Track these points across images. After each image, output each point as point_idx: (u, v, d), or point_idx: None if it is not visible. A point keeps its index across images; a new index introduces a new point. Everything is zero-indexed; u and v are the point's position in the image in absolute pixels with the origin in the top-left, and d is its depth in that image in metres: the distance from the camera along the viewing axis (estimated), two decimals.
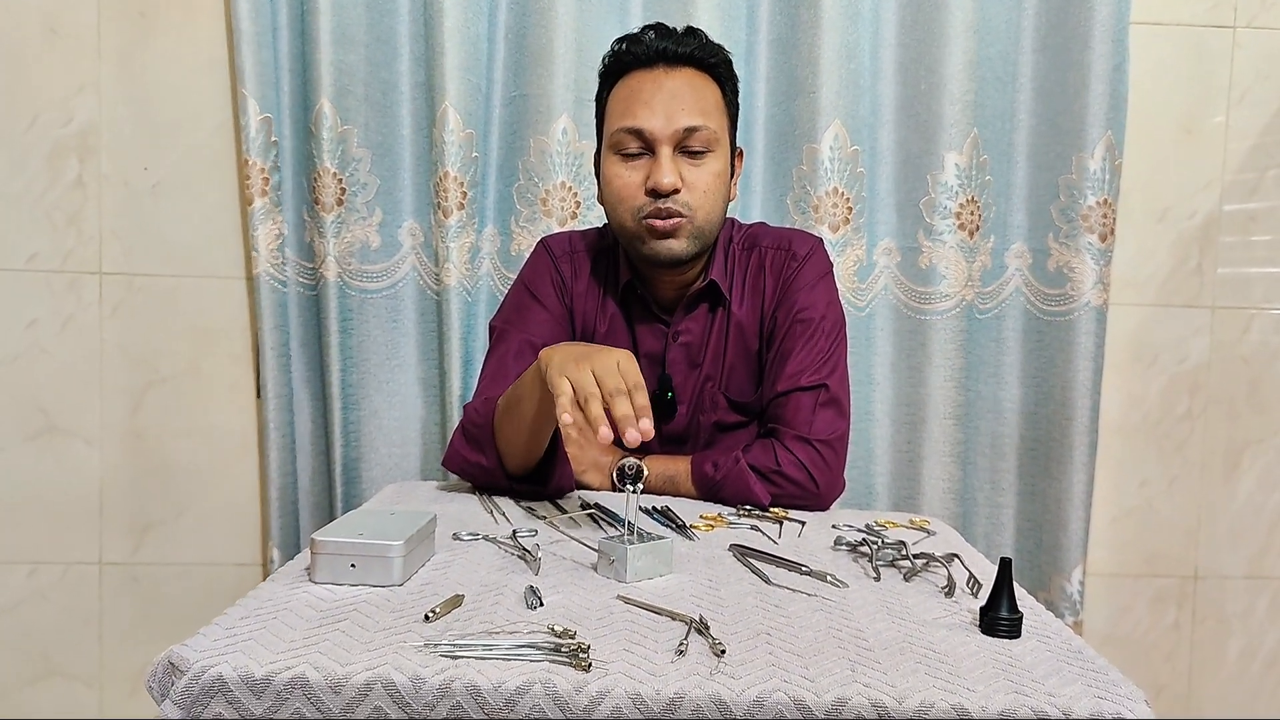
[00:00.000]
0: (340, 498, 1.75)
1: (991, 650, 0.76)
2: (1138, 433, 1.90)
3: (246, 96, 1.67)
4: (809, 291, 1.34)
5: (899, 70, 1.76)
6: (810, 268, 1.35)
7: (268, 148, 1.69)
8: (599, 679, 0.66)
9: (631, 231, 1.27)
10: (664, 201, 1.23)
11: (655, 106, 1.23)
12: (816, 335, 1.31)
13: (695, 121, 1.24)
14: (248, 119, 1.67)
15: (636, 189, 1.25)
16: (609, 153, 1.28)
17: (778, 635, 0.77)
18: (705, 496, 1.27)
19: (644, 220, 1.25)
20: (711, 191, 1.26)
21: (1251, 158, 1.85)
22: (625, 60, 1.28)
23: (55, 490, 1.80)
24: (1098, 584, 1.91)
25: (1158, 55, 1.82)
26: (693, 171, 1.25)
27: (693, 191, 1.24)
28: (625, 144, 1.25)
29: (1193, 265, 1.87)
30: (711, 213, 1.27)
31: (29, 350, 1.77)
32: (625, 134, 1.25)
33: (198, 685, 0.65)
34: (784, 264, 1.35)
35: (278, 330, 1.72)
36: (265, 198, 1.70)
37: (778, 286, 1.35)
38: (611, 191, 1.27)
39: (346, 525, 0.88)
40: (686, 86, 1.25)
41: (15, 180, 1.74)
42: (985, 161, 1.76)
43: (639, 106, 1.24)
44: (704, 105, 1.25)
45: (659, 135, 1.23)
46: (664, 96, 1.24)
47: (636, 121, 1.24)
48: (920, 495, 1.80)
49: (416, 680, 0.66)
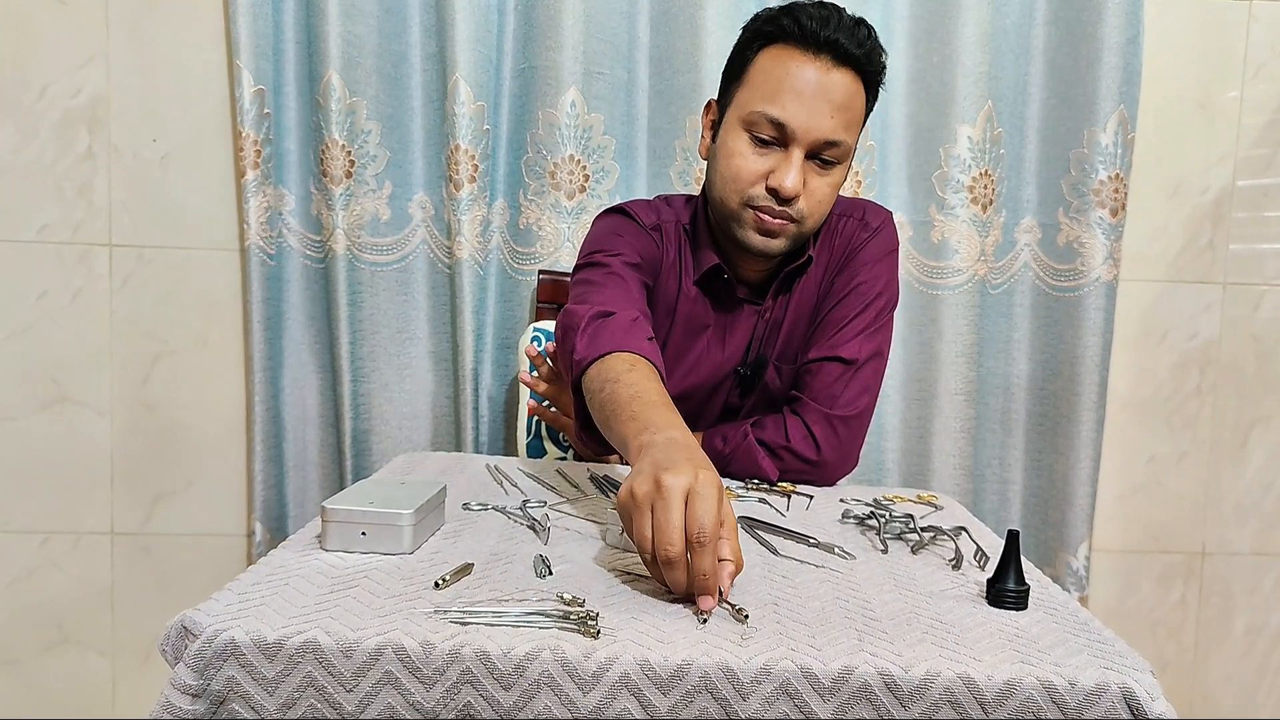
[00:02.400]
0: (350, 470, 1.76)
1: (998, 621, 0.77)
2: (1147, 409, 1.89)
3: (241, 68, 1.66)
4: (873, 266, 1.31)
5: (911, 42, 1.74)
6: (879, 241, 1.32)
7: (260, 120, 1.69)
8: (607, 646, 0.67)
9: (733, 212, 1.22)
10: (781, 204, 1.18)
11: (806, 104, 1.15)
12: (868, 310, 1.29)
13: (839, 135, 1.17)
14: (242, 91, 1.67)
15: (757, 177, 1.19)
16: (738, 125, 1.20)
17: (785, 605, 0.77)
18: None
19: (750, 208, 1.20)
20: (825, 201, 1.22)
21: (1266, 133, 1.83)
22: (788, 29, 1.17)
23: (67, 460, 1.81)
24: (1105, 560, 1.91)
25: (1172, 28, 1.80)
26: (816, 180, 1.19)
27: (810, 199, 1.20)
28: (761, 128, 1.18)
29: (1205, 241, 1.86)
30: (819, 219, 1.23)
31: (40, 321, 1.78)
32: (765, 120, 1.17)
33: (210, 649, 0.66)
34: (854, 232, 1.33)
35: (265, 303, 1.73)
36: (257, 170, 1.70)
37: (845, 253, 1.32)
38: (730, 167, 1.20)
39: (357, 494, 0.89)
40: (842, 92, 1.16)
41: (26, 151, 1.74)
42: (1000, 135, 1.74)
43: (790, 97, 1.15)
44: (850, 118, 1.18)
45: (800, 136, 1.16)
46: (820, 96, 1.15)
47: (783, 113, 1.15)
48: (931, 471, 1.80)
49: (426, 645, 0.66)
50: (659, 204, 1.37)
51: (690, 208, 1.36)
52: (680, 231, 1.33)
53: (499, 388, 1.80)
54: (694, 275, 1.31)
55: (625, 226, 1.31)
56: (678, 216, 1.35)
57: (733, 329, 1.33)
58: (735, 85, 1.22)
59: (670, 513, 0.74)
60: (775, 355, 1.34)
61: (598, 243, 1.29)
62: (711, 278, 1.31)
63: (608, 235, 1.30)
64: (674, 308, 1.32)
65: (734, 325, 1.33)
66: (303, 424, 1.81)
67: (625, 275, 1.23)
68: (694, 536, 0.73)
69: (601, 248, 1.28)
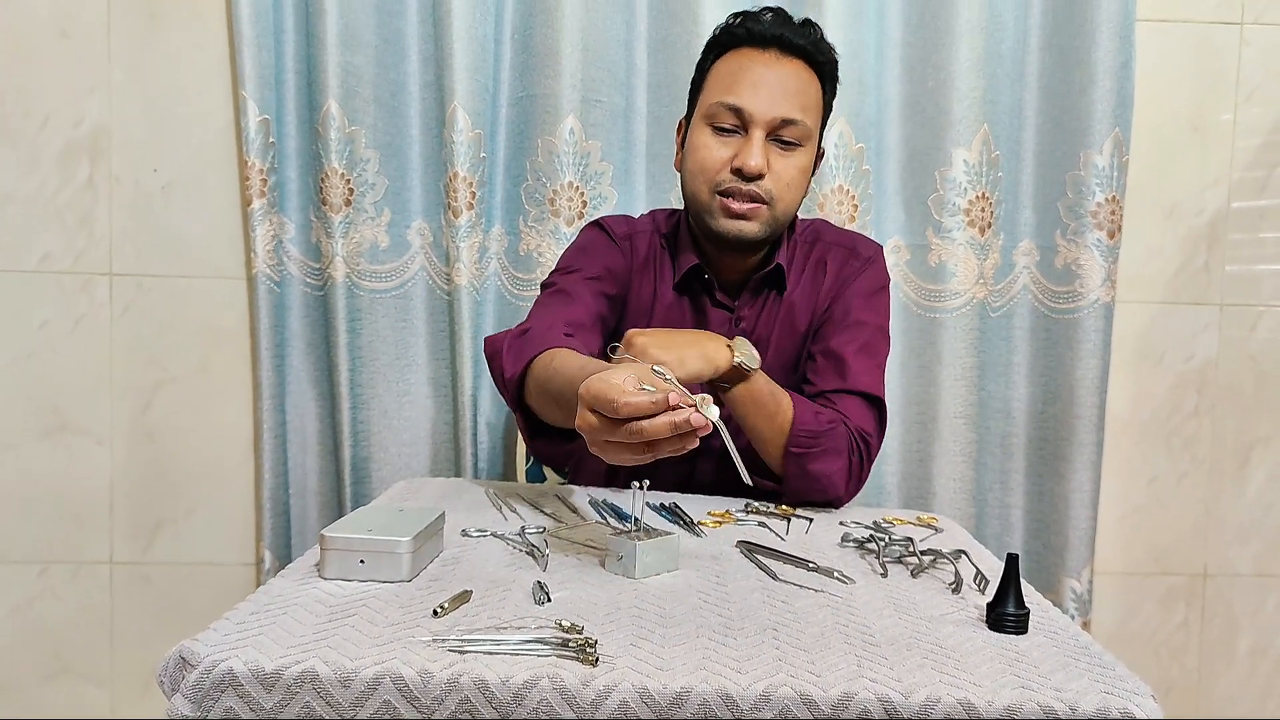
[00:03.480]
0: (350, 496, 1.76)
1: (998, 646, 0.76)
2: (1146, 430, 1.89)
3: (246, 98, 1.68)
4: (868, 298, 1.35)
5: (906, 68, 1.76)
6: (872, 274, 1.36)
7: (266, 149, 1.70)
8: (606, 673, 0.67)
9: (704, 203, 1.26)
10: (747, 184, 1.23)
11: (760, 89, 1.23)
12: (876, 352, 1.32)
13: (795, 114, 1.23)
14: (247, 120, 1.68)
15: (722, 163, 1.24)
16: (701, 122, 1.27)
17: (784, 631, 0.77)
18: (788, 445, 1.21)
19: (720, 195, 1.25)
20: (794, 184, 1.26)
21: (1260, 155, 1.84)
22: (739, 35, 1.27)
23: (66, 489, 1.81)
24: (1106, 582, 1.91)
25: (1165, 52, 1.81)
26: (780, 161, 1.25)
27: (777, 180, 1.24)
28: (721, 118, 1.24)
29: (1201, 263, 1.86)
30: (790, 204, 1.28)
31: (41, 350, 1.78)
32: (724, 108, 1.24)
33: (208, 679, 0.66)
34: (845, 261, 1.37)
35: (273, 330, 1.73)
36: (263, 198, 1.71)
37: (837, 281, 1.36)
38: (695, 160, 1.27)
39: (355, 522, 0.89)
40: (794, 78, 1.25)
41: (28, 181, 1.75)
42: (997, 158, 1.76)
43: (744, 85, 1.23)
44: (805, 100, 1.25)
45: (757, 118, 1.23)
46: (771, 81, 1.23)
47: (739, 99, 1.23)
48: (932, 495, 1.80)
49: (424, 675, 0.66)
50: (641, 217, 1.43)
51: (674, 219, 1.41)
52: (655, 239, 1.38)
53: (498, 413, 1.80)
54: (674, 279, 1.35)
55: (594, 240, 1.38)
56: (656, 226, 1.40)
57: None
58: (697, 95, 1.31)
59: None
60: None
61: (562, 262, 1.36)
62: (691, 280, 1.35)
63: (574, 253, 1.37)
64: (650, 312, 1.36)
65: (709, 328, 1.35)
66: (303, 451, 1.81)
67: (573, 290, 1.28)
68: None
69: (562, 266, 1.34)
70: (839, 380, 1.28)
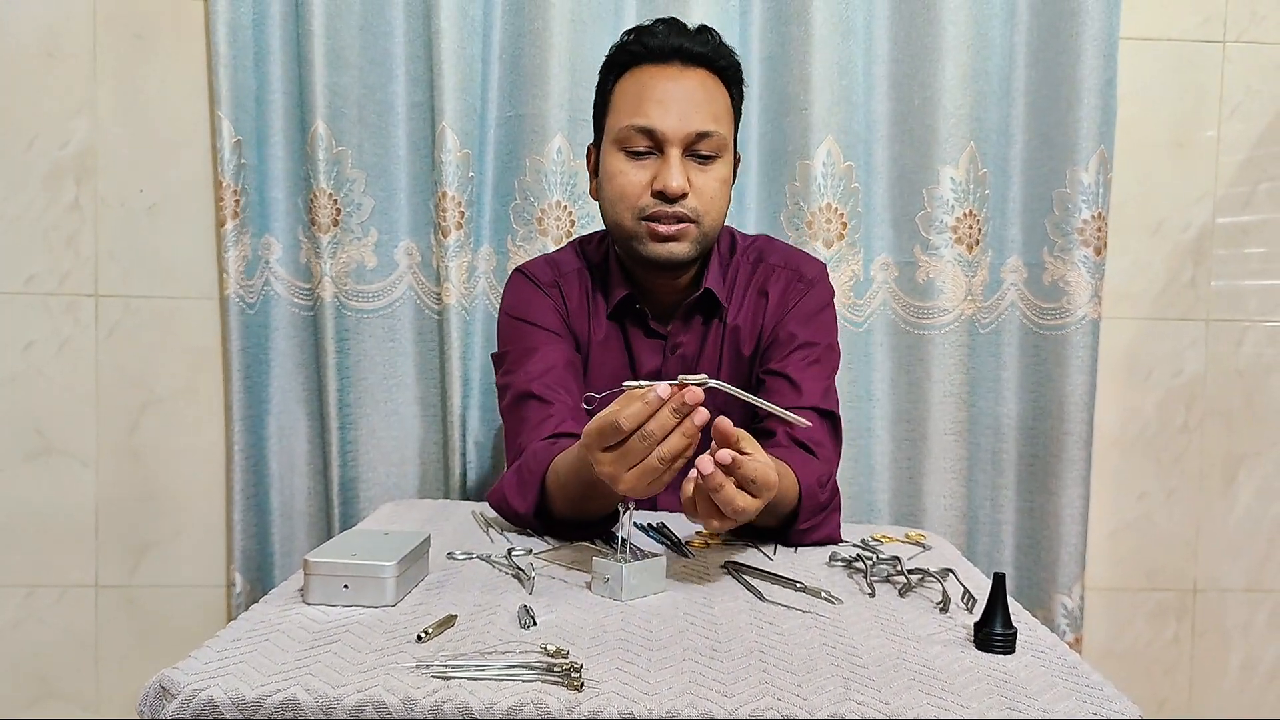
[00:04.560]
0: (338, 517, 1.75)
1: (986, 666, 0.76)
2: (1134, 446, 1.90)
3: (221, 119, 1.68)
4: (814, 318, 1.32)
5: (893, 86, 1.77)
6: (814, 296, 1.34)
7: (239, 170, 1.70)
8: (591, 698, 0.66)
9: (629, 230, 1.23)
10: (671, 205, 1.20)
11: (669, 106, 1.20)
12: (825, 366, 1.31)
13: (708, 126, 1.21)
14: (222, 141, 1.68)
15: (642, 188, 1.21)
16: (612, 148, 1.24)
17: (771, 653, 0.77)
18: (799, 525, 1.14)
19: (644, 221, 1.22)
20: (717, 197, 1.23)
21: (1244, 171, 1.85)
22: (636, 53, 1.24)
23: (52, 512, 1.80)
24: (1097, 598, 1.90)
25: (1149, 70, 1.83)
26: (700, 176, 1.22)
27: (700, 196, 1.22)
28: (633, 141, 1.21)
29: (1187, 278, 1.87)
30: (716, 218, 1.25)
31: (26, 372, 1.77)
32: (634, 131, 1.21)
33: (189, 709, 0.65)
34: (789, 283, 1.34)
35: (245, 352, 1.73)
36: (236, 220, 1.70)
37: (781, 305, 1.33)
38: (614, 188, 1.24)
39: (340, 546, 0.88)
40: (700, 89, 1.22)
41: (13, 202, 1.75)
42: (984, 175, 1.76)
43: (651, 105, 1.20)
44: (716, 110, 1.23)
45: (671, 137, 1.20)
46: (678, 97, 1.21)
47: (649, 120, 1.20)
48: (922, 513, 1.79)
49: (408, 702, 0.65)
50: (564, 253, 1.40)
51: (602, 247, 1.37)
52: (583, 277, 1.36)
53: (486, 432, 1.79)
54: (607, 311, 1.33)
55: (527, 300, 1.34)
56: (584, 262, 1.37)
57: (642, 365, 1.34)
58: (603, 119, 1.28)
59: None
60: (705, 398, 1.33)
61: (508, 330, 1.34)
62: (621, 311, 1.33)
63: (511, 323, 1.34)
64: (587, 349, 1.34)
65: (644, 361, 1.34)
66: (290, 472, 1.80)
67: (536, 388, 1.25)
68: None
69: (513, 335, 1.33)
70: (795, 397, 1.26)
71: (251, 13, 1.70)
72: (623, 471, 0.87)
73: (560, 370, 1.27)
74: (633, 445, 0.86)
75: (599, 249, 1.38)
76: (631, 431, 0.86)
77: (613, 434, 0.86)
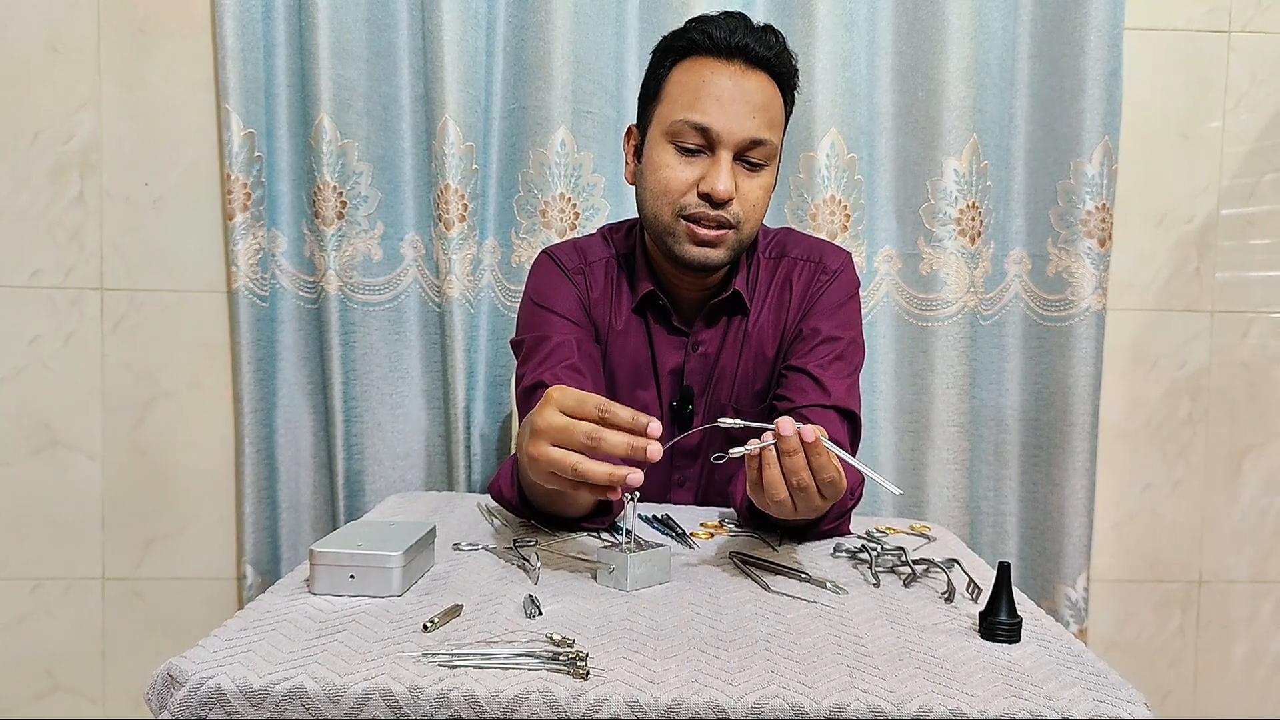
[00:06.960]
0: (343, 510, 1.75)
1: (991, 655, 0.76)
2: (1139, 437, 1.90)
3: (229, 112, 1.68)
4: (838, 311, 1.30)
5: (896, 78, 1.76)
6: (840, 285, 1.31)
7: (250, 163, 1.70)
8: (597, 686, 0.67)
9: (667, 226, 1.20)
10: (714, 209, 1.17)
11: (727, 107, 1.16)
12: (849, 362, 1.28)
13: (763, 134, 1.17)
14: (230, 134, 1.68)
15: (687, 186, 1.18)
16: (662, 139, 1.20)
17: (776, 642, 0.77)
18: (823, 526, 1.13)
19: (684, 219, 1.19)
20: (759, 205, 1.21)
21: (1248, 162, 1.85)
22: (698, 41, 1.18)
23: (58, 505, 1.80)
24: (1102, 590, 1.90)
25: (1153, 61, 1.82)
26: (747, 182, 1.19)
27: (743, 203, 1.18)
28: (685, 136, 1.17)
29: (1191, 269, 1.87)
30: (755, 226, 1.23)
31: (32, 366, 1.78)
32: (688, 126, 1.17)
33: (196, 697, 0.65)
34: (813, 276, 1.31)
35: (255, 345, 1.73)
36: (246, 213, 1.70)
37: (805, 298, 1.31)
38: (658, 181, 1.19)
39: (346, 536, 0.88)
40: (760, 93, 1.18)
41: (18, 196, 1.75)
42: (986, 167, 1.76)
43: (710, 102, 1.16)
44: (772, 116, 1.19)
45: (725, 139, 1.16)
46: (738, 98, 1.16)
47: (705, 118, 1.16)
48: (926, 504, 1.79)
49: (414, 690, 0.66)
50: (593, 240, 1.37)
51: (630, 237, 1.35)
52: (609, 267, 1.33)
53: (491, 425, 1.79)
54: (631, 304, 1.31)
55: (550, 285, 1.31)
56: (612, 251, 1.35)
57: (663, 361, 1.32)
58: (653, 104, 1.23)
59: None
60: (726, 398, 1.32)
61: (529, 316, 1.31)
62: (645, 306, 1.31)
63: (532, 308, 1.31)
64: (607, 341, 1.32)
65: (665, 357, 1.32)
66: (296, 465, 1.80)
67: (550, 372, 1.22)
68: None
69: (532, 322, 1.30)
70: (820, 396, 1.23)
71: (260, 6, 1.70)
72: (546, 444, 0.86)
73: (574, 361, 1.25)
74: (579, 429, 0.85)
75: (626, 240, 1.35)
76: (594, 421, 0.85)
77: (579, 410, 0.85)
